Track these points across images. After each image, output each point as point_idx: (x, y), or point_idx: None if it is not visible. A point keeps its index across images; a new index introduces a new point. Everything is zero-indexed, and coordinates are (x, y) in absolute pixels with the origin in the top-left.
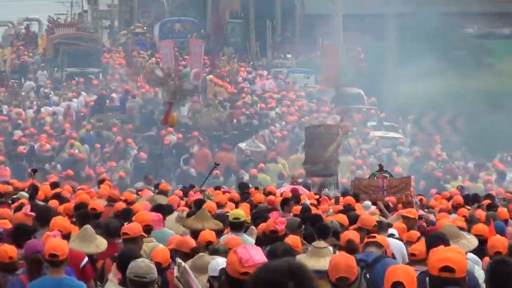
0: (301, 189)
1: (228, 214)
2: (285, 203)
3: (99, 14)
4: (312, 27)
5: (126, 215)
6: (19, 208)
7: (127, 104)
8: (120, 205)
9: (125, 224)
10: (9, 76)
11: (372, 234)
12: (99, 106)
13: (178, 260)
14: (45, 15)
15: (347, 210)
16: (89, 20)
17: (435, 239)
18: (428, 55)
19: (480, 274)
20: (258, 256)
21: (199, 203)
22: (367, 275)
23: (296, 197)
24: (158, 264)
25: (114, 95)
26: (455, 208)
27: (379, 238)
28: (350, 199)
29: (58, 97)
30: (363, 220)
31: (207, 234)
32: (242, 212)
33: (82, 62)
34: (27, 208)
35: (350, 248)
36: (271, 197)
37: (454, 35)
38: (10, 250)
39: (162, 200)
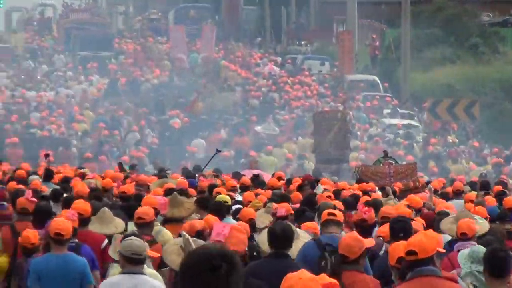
0: (261, 173)
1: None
2: (301, 188)
3: None
4: (327, 14)
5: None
6: (22, 193)
7: (141, 87)
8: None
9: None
10: (22, 60)
11: (332, 211)
12: (111, 90)
13: (183, 232)
14: (59, 1)
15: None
16: (104, 5)
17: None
18: (443, 43)
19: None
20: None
21: (211, 188)
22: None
23: (310, 183)
24: None
25: (124, 79)
26: (456, 194)
27: (338, 214)
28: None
29: (72, 80)
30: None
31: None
32: (228, 197)
33: (93, 47)
34: (29, 194)
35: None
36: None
37: (469, 23)
38: (32, 236)
39: (172, 183)
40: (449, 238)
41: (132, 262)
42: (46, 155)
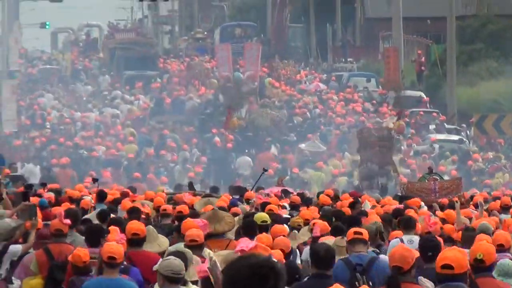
0: (289, 189)
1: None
2: (353, 205)
3: (159, 19)
4: (372, 30)
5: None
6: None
7: (186, 106)
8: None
9: None
10: (69, 81)
11: (358, 230)
12: (157, 109)
13: (210, 254)
14: (105, 21)
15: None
16: (150, 25)
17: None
18: (489, 57)
19: None
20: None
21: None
22: (370, 282)
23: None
24: None
25: (169, 99)
26: (504, 209)
27: (364, 233)
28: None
29: (118, 99)
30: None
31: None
32: (267, 216)
33: (138, 66)
34: (61, 215)
35: None
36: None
37: None
38: (83, 255)
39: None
40: None
41: (171, 281)
42: (95, 180)
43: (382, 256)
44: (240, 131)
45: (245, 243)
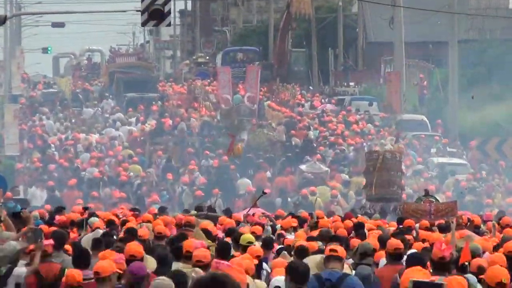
0: (261, 211)
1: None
2: (359, 228)
3: (161, 44)
4: (374, 55)
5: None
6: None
7: (178, 126)
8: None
9: None
10: (70, 105)
11: (334, 247)
12: (158, 131)
13: (192, 273)
14: (107, 46)
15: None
16: (151, 50)
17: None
18: (491, 82)
19: None
20: None
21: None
22: None
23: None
24: None
25: (170, 121)
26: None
27: (340, 250)
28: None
29: (120, 122)
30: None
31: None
32: (252, 237)
33: (137, 89)
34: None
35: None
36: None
37: None
38: (77, 275)
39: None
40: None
41: None
42: (85, 208)
43: (351, 276)
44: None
45: (215, 265)
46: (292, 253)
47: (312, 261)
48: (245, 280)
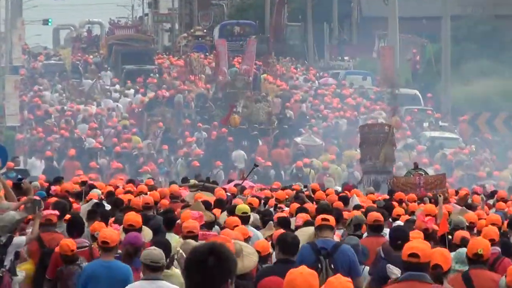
0: (249, 184)
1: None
2: (346, 200)
3: (159, 17)
4: (368, 29)
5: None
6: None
7: (175, 99)
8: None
9: None
10: (70, 76)
11: (325, 217)
12: (155, 102)
13: (178, 247)
14: (107, 19)
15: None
16: (150, 23)
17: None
18: (482, 56)
19: None
20: None
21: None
22: (331, 265)
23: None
24: None
25: (167, 93)
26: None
27: (331, 219)
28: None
29: (118, 93)
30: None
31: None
32: (247, 207)
33: (135, 61)
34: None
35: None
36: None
37: (508, 37)
38: (71, 244)
39: (209, 195)
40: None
41: (151, 269)
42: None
43: (345, 244)
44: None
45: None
46: (275, 224)
47: (305, 233)
48: (233, 249)
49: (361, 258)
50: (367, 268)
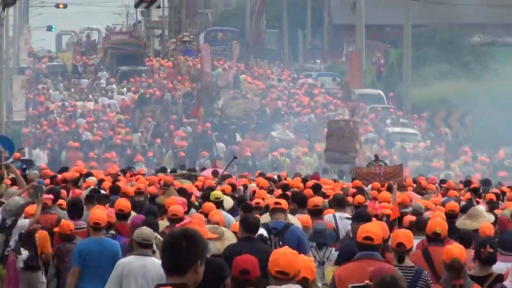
0: (219, 170)
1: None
2: (318, 188)
3: (151, 24)
4: (338, 36)
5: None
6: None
7: (164, 97)
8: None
9: None
10: (70, 76)
11: (278, 201)
12: (143, 99)
13: (155, 233)
14: (104, 25)
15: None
16: (142, 29)
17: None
18: (440, 61)
19: None
20: None
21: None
22: (280, 242)
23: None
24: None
25: (158, 92)
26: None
27: (283, 203)
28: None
29: (111, 92)
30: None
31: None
32: (220, 193)
33: (129, 63)
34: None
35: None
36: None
37: (463, 44)
38: (70, 224)
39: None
40: None
41: (142, 247)
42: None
43: (295, 225)
44: (218, 119)
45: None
46: (240, 209)
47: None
48: (207, 232)
49: (328, 241)
50: (333, 249)
